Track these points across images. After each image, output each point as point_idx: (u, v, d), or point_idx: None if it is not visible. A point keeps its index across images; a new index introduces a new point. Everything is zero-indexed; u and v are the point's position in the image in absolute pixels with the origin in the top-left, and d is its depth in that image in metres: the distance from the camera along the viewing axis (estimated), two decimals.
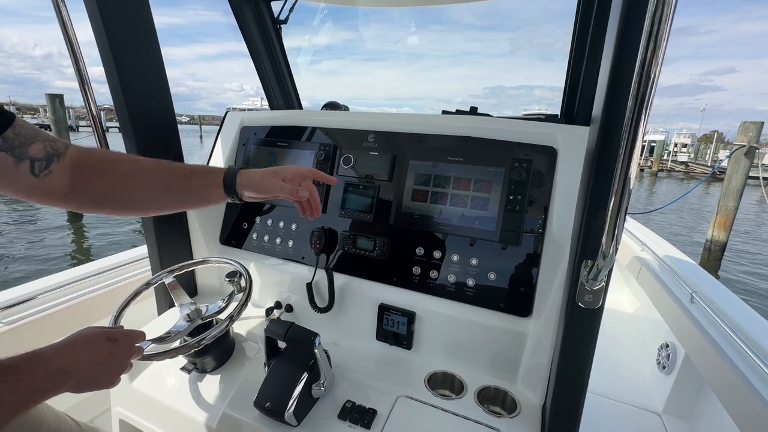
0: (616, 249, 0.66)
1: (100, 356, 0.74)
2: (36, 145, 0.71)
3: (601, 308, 0.76)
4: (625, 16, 0.63)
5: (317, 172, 1.01)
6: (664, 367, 1.78)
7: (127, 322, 1.17)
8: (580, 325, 0.79)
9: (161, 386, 1.20)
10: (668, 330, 1.75)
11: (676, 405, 1.66)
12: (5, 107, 0.68)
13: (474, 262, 1.18)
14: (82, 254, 9.07)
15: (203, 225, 1.57)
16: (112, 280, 1.83)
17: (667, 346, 1.81)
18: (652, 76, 0.54)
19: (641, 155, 0.65)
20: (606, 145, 0.70)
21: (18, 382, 0.60)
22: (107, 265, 1.86)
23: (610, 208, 0.63)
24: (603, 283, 0.73)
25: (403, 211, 1.30)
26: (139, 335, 0.87)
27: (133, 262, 1.93)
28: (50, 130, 13.23)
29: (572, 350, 0.83)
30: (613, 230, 0.64)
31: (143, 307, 1.49)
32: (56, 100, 13.27)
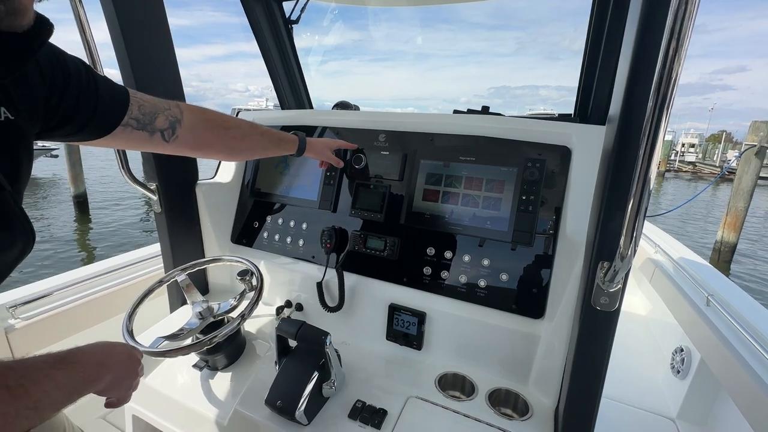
0: (635, 250, 0.65)
1: (124, 357, 0.78)
2: (159, 118, 0.86)
3: (618, 311, 0.75)
4: (646, 12, 0.63)
5: (347, 144, 1.42)
6: (678, 372, 1.76)
7: (141, 319, 1.18)
8: (596, 328, 0.78)
9: (173, 383, 1.21)
10: (683, 333, 1.72)
11: (691, 410, 1.63)
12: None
13: (485, 262, 1.18)
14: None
15: (215, 224, 1.57)
16: (126, 277, 1.86)
17: (682, 350, 1.79)
18: (674, 75, 0.53)
19: None
20: (624, 144, 0.70)
21: (71, 370, 0.63)
22: (121, 263, 1.89)
23: (629, 209, 0.62)
24: (620, 285, 0.72)
25: (413, 211, 1.30)
26: (141, 353, 0.91)
27: (147, 259, 1.95)
28: None
29: (587, 353, 0.82)
30: (632, 231, 0.63)
31: (156, 304, 1.51)
32: None
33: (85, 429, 0.98)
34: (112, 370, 0.73)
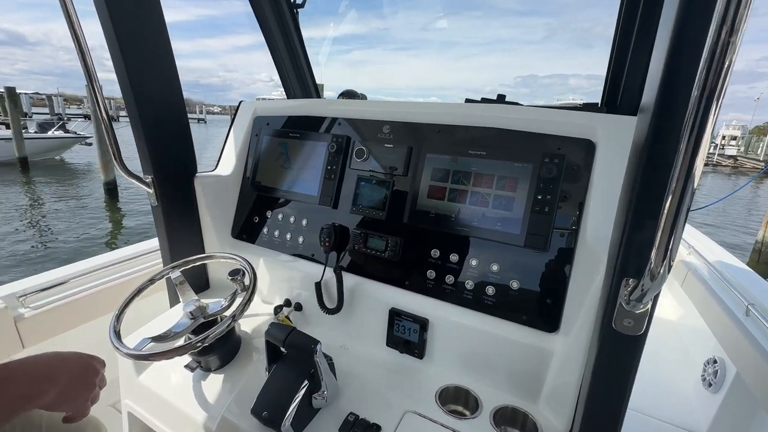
0: (669, 267, 0.54)
1: (76, 368, 0.74)
2: None
3: (644, 335, 0.64)
4: None
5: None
6: (710, 385, 1.62)
7: (139, 315, 1.15)
8: (616, 353, 0.67)
9: (166, 383, 1.18)
10: (716, 344, 1.59)
11: (724, 427, 1.50)
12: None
13: (495, 268, 1.07)
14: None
15: (215, 219, 1.53)
16: (141, 266, 1.86)
17: (715, 361, 1.65)
18: (727, 61, 0.42)
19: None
20: (660, 138, 0.58)
21: (2, 389, 0.60)
22: (137, 252, 1.90)
23: (665, 216, 0.50)
24: (648, 307, 0.61)
25: (417, 209, 1.20)
26: (102, 362, 0.85)
27: (151, 252, 1.94)
28: (91, 119, 14.26)
29: (606, 380, 0.71)
30: (666, 244, 0.52)
31: (157, 298, 1.49)
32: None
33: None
34: (59, 383, 0.68)
